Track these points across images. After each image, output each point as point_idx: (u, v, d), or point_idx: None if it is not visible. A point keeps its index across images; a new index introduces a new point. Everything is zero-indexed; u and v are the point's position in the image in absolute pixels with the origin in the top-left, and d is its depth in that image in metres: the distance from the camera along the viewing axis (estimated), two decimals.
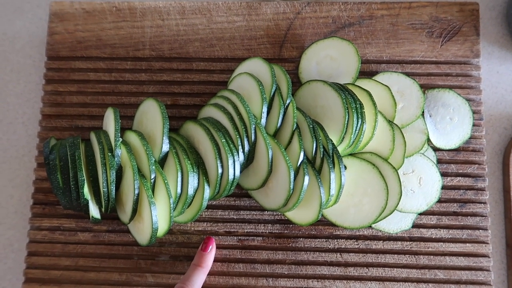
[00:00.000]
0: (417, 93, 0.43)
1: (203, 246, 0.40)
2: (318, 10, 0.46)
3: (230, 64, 0.46)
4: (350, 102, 0.38)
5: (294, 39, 0.46)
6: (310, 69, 0.44)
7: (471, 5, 0.45)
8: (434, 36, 0.45)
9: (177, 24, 0.46)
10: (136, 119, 0.42)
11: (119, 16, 0.47)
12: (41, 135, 0.46)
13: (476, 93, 0.44)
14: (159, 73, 0.46)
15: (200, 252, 0.40)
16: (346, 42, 0.43)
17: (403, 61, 0.45)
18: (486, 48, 0.48)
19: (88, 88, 0.46)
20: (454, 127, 0.43)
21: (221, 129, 0.38)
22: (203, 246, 0.40)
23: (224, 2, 0.46)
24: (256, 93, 0.39)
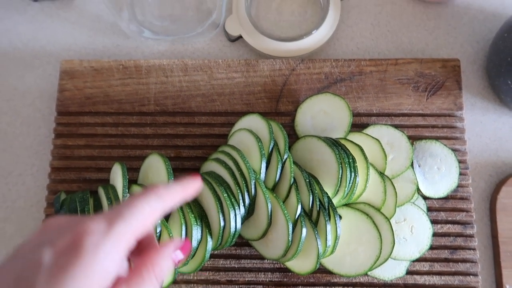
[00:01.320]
0: (405, 144, 0.45)
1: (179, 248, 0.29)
2: (311, 66, 0.49)
3: (230, 118, 0.48)
4: (343, 157, 0.40)
5: (290, 94, 0.49)
6: (305, 122, 0.47)
7: (453, 61, 0.49)
8: (420, 90, 0.48)
9: (180, 80, 0.50)
10: (141, 172, 0.45)
11: (125, 73, 0.50)
12: (50, 187, 0.48)
13: (461, 144, 0.47)
14: (163, 127, 0.49)
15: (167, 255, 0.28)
16: (338, 98, 0.46)
17: (391, 114, 0.48)
18: (469, 99, 0.51)
19: (96, 141, 0.49)
20: (442, 176, 0.46)
21: (223, 183, 0.40)
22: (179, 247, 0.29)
23: (224, 60, 0.50)
24: (255, 149, 0.41)
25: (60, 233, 0.24)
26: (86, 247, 0.23)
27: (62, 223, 0.25)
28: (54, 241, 0.23)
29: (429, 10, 0.54)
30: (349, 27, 0.54)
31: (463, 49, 0.52)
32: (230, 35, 0.52)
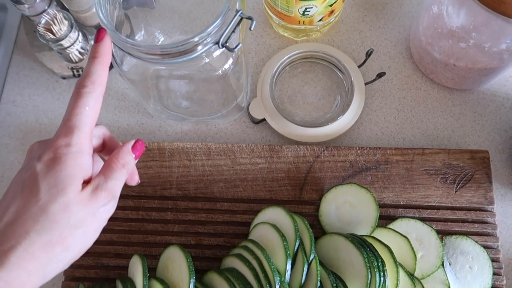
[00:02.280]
0: (435, 241, 0.44)
1: (133, 146, 0.34)
2: (336, 154, 0.49)
3: (253, 205, 0.48)
4: (372, 260, 0.39)
5: (314, 181, 0.48)
6: (330, 213, 0.46)
7: (481, 153, 0.48)
8: (448, 182, 0.47)
9: (203, 164, 0.49)
10: (161, 262, 0.44)
11: (148, 155, 0.50)
12: (67, 273, 0.47)
13: (493, 241, 0.45)
14: (184, 212, 0.48)
15: (127, 149, 0.34)
16: (364, 190, 0.45)
17: (419, 206, 0.47)
18: (499, 190, 0.50)
19: (116, 225, 0.48)
20: (475, 276, 0.44)
21: (246, 285, 0.39)
22: (133, 145, 0.34)
23: (248, 145, 0.50)
24: (280, 248, 0.40)
25: (40, 151, 0.31)
26: (63, 153, 0.30)
27: (40, 145, 0.32)
28: (39, 156, 0.30)
29: (454, 96, 0.53)
30: (373, 111, 0.53)
31: (490, 137, 0.51)
32: (254, 118, 0.52)
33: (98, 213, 0.31)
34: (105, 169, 0.33)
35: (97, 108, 0.32)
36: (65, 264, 0.31)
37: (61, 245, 0.29)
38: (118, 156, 0.33)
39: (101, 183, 0.32)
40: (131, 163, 0.34)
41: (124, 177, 0.33)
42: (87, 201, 0.30)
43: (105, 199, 0.31)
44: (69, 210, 0.29)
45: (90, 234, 0.31)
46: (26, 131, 0.54)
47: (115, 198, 0.33)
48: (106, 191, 0.31)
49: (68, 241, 0.30)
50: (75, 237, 0.30)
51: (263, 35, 0.57)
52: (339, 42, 0.56)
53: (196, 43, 0.36)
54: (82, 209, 0.30)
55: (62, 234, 0.29)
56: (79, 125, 0.31)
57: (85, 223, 0.30)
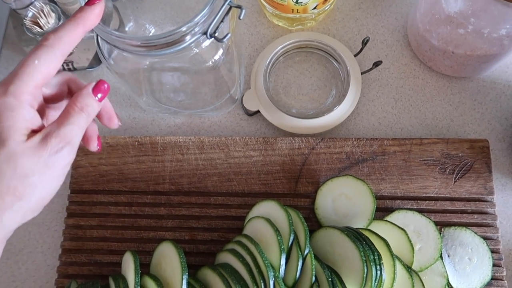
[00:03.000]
0: (433, 233, 0.43)
1: (94, 88, 0.32)
2: (332, 145, 0.48)
3: (247, 199, 0.47)
4: (368, 254, 0.38)
5: (309, 174, 0.47)
6: (326, 206, 0.45)
7: (481, 142, 0.47)
8: (447, 172, 0.46)
9: (196, 158, 0.48)
10: (155, 258, 0.43)
11: (141, 150, 0.49)
12: (60, 270, 0.46)
13: (493, 231, 0.44)
14: (177, 207, 0.47)
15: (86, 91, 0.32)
16: (360, 182, 0.44)
17: (417, 198, 0.46)
18: (500, 179, 0.48)
19: (109, 222, 0.47)
20: (474, 268, 0.43)
21: (240, 281, 0.38)
22: (94, 87, 0.32)
23: (241, 137, 0.49)
24: (274, 243, 0.39)
25: None
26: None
27: None
28: None
29: (454, 84, 0.52)
30: (370, 101, 0.52)
31: (491, 126, 0.50)
32: (248, 110, 0.51)
33: (50, 161, 0.29)
34: (61, 115, 0.31)
35: (50, 64, 0.30)
36: (23, 214, 0.30)
37: (12, 195, 0.29)
38: (76, 100, 0.31)
39: (53, 130, 0.30)
40: (92, 105, 0.32)
41: (84, 121, 0.31)
42: (35, 150, 0.29)
43: (56, 146, 0.29)
44: (13, 160, 0.28)
45: (46, 182, 0.30)
46: None
47: (70, 143, 0.30)
48: (58, 137, 0.30)
49: (19, 190, 0.29)
50: (27, 187, 0.29)
51: (257, 24, 0.56)
52: (334, 30, 0.55)
53: (184, 34, 0.35)
54: (29, 158, 0.29)
55: (10, 185, 0.28)
56: (21, 75, 0.29)
57: (36, 172, 0.29)
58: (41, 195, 0.30)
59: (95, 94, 0.32)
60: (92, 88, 0.32)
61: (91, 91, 0.32)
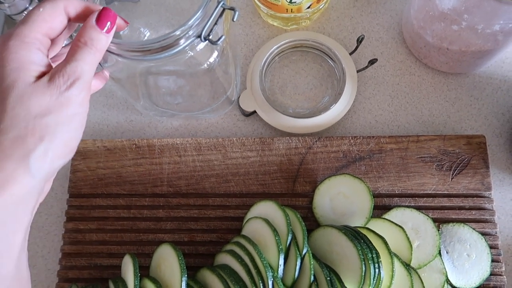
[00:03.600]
0: (432, 230, 0.43)
1: (98, 18, 0.31)
2: (328, 144, 0.48)
3: (245, 200, 0.47)
4: (366, 252, 0.38)
5: (307, 173, 0.47)
6: (324, 205, 0.45)
7: (477, 138, 0.47)
8: (444, 169, 0.46)
9: (194, 160, 0.48)
10: (154, 261, 0.43)
11: (138, 153, 0.49)
12: (60, 274, 0.46)
13: (491, 227, 0.44)
14: (176, 209, 0.47)
15: (89, 24, 0.30)
16: (357, 180, 0.44)
17: (415, 195, 0.46)
18: (497, 175, 0.48)
19: (108, 225, 0.47)
20: (473, 264, 0.43)
21: (239, 281, 0.38)
22: (98, 17, 0.31)
23: (238, 138, 0.49)
24: (272, 243, 0.39)
25: None
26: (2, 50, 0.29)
27: None
28: None
29: (449, 80, 0.52)
30: (367, 99, 0.52)
31: (487, 122, 0.50)
32: (245, 110, 0.51)
33: (62, 99, 0.29)
34: (68, 53, 0.30)
35: (54, 13, 0.30)
36: (51, 159, 0.29)
37: (32, 137, 0.28)
38: (79, 35, 0.30)
39: (59, 68, 0.29)
40: (98, 38, 0.30)
41: (91, 56, 0.30)
42: (44, 89, 0.28)
43: (64, 84, 0.29)
44: (25, 101, 0.28)
45: (64, 121, 0.29)
46: None
47: (80, 79, 0.29)
48: (65, 74, 0.29)
49: (38, 131, 0.28)
50: (45, 126, 0.28)
51: (252, 25, 0.56)
52: (329, 29, 0.55)
53: (178, 37, 0.35)
54: (40, 97, 0.28)
55: (27, 126, 0.28)
56: (26, 21, 0.29)
57: (51, 110, 0.28)
58: (63, 136, 0.29)
59: (101, 26, 0.30)
60: (96, 20, 0.30)
61: (94, 23, 0.30)
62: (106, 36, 0.31)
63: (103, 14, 0.30)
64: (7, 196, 0.27)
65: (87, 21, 0.30)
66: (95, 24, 0.30)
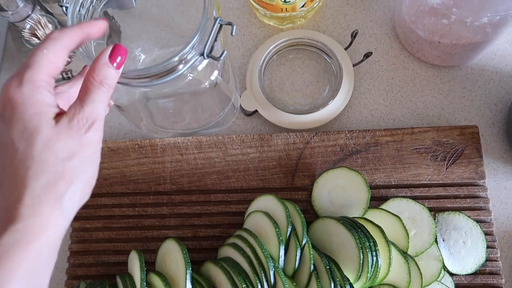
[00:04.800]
0: (428, 219, 0.44)
1: (110, 54, 0.31)
2: (326, 139, 0.49)
3: (246, 195, 0.48)
4: (363, 241, 0.39)
5: (305, 167, 0.48)
6: (322, 198, 0.46)
7: (470, 128, 0.48)
8: (439, 159, 0.47)
9: (195, 158, 0.50)
10: (159, 256, 0.44)
11: (141, 153, 0.50)
12: (69, 272, 0.48)
13: (486, 214, 0.45)
14: (179, 206, 0.49)
15: (103, 61, 0.31)
16: (354, 173, 0.46)
17: (411, 185, 0.47)
18: (491, 164, 0.50)
19: (113, 223, 0.49)
20: (469, 251, 0.44)
21: (241, 273, 0.39)
22: (111, 54, 0.31)
23: (238, 136, 0.50)
24: (273, 235, 0.40)
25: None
26: (18, 97, 0.28)
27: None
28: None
29: (442, 73, 0.53)
30: (362, 94, 0.53)
31: (480, 112, 0.51)
32: (246, 110, 0.52)
33: (84, 140, 0.29)
34: (81, 91, 0.30)
35: (57, 54, 0.30)
36: (80, 198, 0.30)
37: (63, 180, 0.28)
38: (94, 73, 0.30)
39: (78, 110, 0.29)
40: (111, 76, 0.31)
41: (105, 95, 0.30)
42: (67, 132, 0.29)
43: (84, 126, 0.29)
44: (52, 146, 0.28)
45: (88, 160, 0.30)
46: None
47: (97, 120, 0.30)
48: (84, 117, 0.29)
49: (68, 174, 0.28)
50: (72, 169, 0.29)
51: (248, 25, 0.57)
52: (324, 27, 0.56)
53: (178, 62, 0.34)
54: (65, 141, 0.28)
55: (57, 171, 0.28)
56: (33, 64, 0.29)
57: (75, 153, 0.29)
58: (87, 175, 0.30)
59: (113, 62, 0.31)
60: (109, 56, 0.31)
61: (107, 60, 0.30)
62: (117, 72, 0.31)
63: (116, 50, 0.31)
64: (45, 240, 0.28)
65: (101, 58, 0.31)
66: (108, 61, 0.31)
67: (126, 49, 0.31)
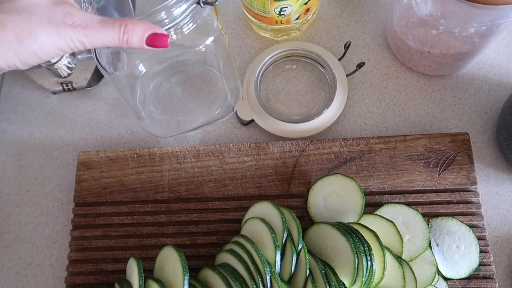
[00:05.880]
0: (421, 224, 0.45)
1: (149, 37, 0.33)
2: (320, 147, 0.50)
3: (243, 202, 0.49)
4: (358, 245, 0.40)
5: (301, 175, 0.49)
6: (318, 204, 0.47)
7: (461, 135, 0.49)
8: (431, 166, 0.48)
9: (193, 166, 0.51)
10: (157, 263, 0.45)
11: (140, 161, 0.51)
12: (68, 281, 0.48)
13: (478, 219, 0.46)
14: (177, 213, 0.49)
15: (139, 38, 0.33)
16: (349, 179, 0.47)
17: (404, 191, 0.48)
18: (483, 170, 0.51)
19: (112, 231, 0.49)
20: (462, 255, 0.45)
21: (239, 278, 0.40)
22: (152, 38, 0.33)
23: (235, 144, 0.51)
24: (269, 240, 0.41)
25: None
26: None
27: None
28: None
29: (434, 82, 0.55)
30: (356, 103, 0.55)
31: (471, 120, 0.53)
32: (243, 120, 0.53)
33: (61, 30, 0.31)
34: (102, 21, 0.32)
35: None
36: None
37: (13, 32, 0.30)
38: (124, 28, 0.32)
39: (81, 20, 0.31)
40: (133, 43, 0.32)
41: (111, 43, 0.32)
42: (52, 14, 0.31)
43: (72, 31, 0.31)
44: (32, 11, 0.30)
45: (46, 40, 0.31)
46: (22, 147, 0.56)
47: (83, 44, 0.32)
48: (78, 26, 0.31)
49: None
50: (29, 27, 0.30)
51: (244, 37, 0.59)
52: (318, 38, 0.58)
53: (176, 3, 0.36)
54: (45, 13, 0.31)
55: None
56: None
57: (45, 31, 0.31)
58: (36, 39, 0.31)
59: (147, 42, 0.33)
60: (149, 35, 0.32)
61: (146, 38, 0.32)
62: (140, 46, 0.33)
63: (158, 37, 0.33)
64: None
65: (143, 29, 0.32)
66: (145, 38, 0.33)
67: (167, 43, 0.33)
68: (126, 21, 0.32)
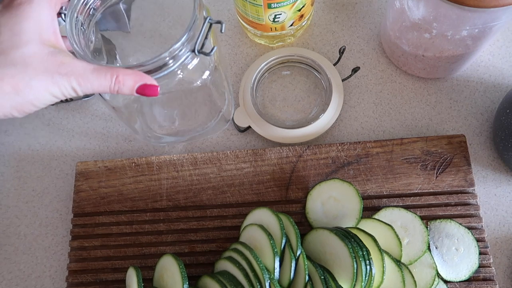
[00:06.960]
0: (420, 227, 0.45)
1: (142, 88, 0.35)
2: (318, 152, 0.50)
3: (242, 209, 0.49)
4: (356, 250, 0.40)
5: (299, 180, 0.50)
6: (316, 209, 0.47)
7: (458, 137, 0.49)
8: (429, 168, 0.49)
9: (191, 174, 0.51)
10: (157, 272, 0.45)
11: (138, 171, 0.51)
12: None
13: (477, 221, 0.46)
14: (176, 222, 0.49)
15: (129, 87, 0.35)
16: (346, 184, 0.47)
17: (402, 195, 0.48)
18: (480, 172, 0.51)
19: (111, 241, 0.49)
20: (462, 257, 0.45)
21: (238, 285, 0.40)
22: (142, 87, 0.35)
23: (232, 151, 0.51)
24: (268, 247, 0.41)
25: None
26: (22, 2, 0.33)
27: None
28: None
29: (429, 85, 0.55)
30: (352, 107, 0.55)
31: (467, 122, 0.53)
32: (240, 126, 0.54)
33: (55, 79, 0.33)
34: (96, 69, 0.33)
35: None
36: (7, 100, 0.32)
37: (9, 85, 0.32)
38: (117, 78, 0.34)
39: (75, 69, 0.33)
40: (123, 91, 0.34)
41: (104, 90, 0.34)
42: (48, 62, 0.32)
43: (66, 80, 0.33)
44: (28, 63, 0.32)
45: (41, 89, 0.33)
46: (20, 159, 0.56)
47: (77, 91, 0.34)
48: (72, 75, 0.33)
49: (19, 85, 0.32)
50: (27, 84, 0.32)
51: (240, 44, 0.59)
52: (313, 44, 0.58)
53: (170, 56, 0.37)
54: (40, 64, 0.32)
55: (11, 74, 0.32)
56: None
57: (41, 80, 0.32)
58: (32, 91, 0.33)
59: (138, 91, 0.35)
60: (139, 86, 0.35)
61: (136, 88, 0.35)
62: (129, 93, 0.35)
63: (147, 88, 0.35)
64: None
65: (139, 76, 0.35)
66: (136, 89, 0.35)
67: (156, 92, 0.35)
68: (118, 71, 0.34)
